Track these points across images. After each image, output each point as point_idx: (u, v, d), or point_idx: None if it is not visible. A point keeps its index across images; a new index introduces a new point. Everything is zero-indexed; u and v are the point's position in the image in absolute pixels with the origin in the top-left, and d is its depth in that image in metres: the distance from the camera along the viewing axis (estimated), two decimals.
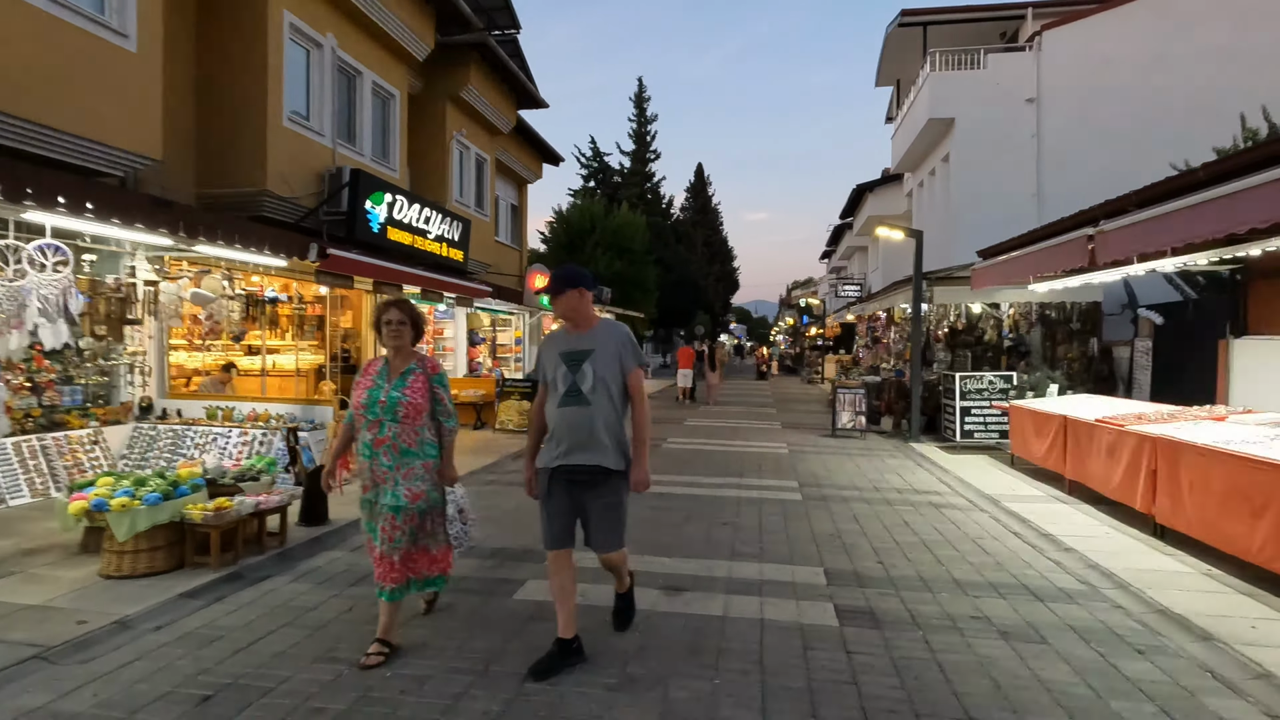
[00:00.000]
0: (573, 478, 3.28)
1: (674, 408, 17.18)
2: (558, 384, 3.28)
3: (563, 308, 3.33)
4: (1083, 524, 6.09)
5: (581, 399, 3.21)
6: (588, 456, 3.23)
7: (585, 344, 3.28)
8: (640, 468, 3.34)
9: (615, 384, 3.29)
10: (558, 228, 30.11)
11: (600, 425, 3.21)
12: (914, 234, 11.49)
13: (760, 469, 8.71)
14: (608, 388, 3.24)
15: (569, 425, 3.23)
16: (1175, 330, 10.91)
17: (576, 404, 3.22)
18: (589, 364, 3.23)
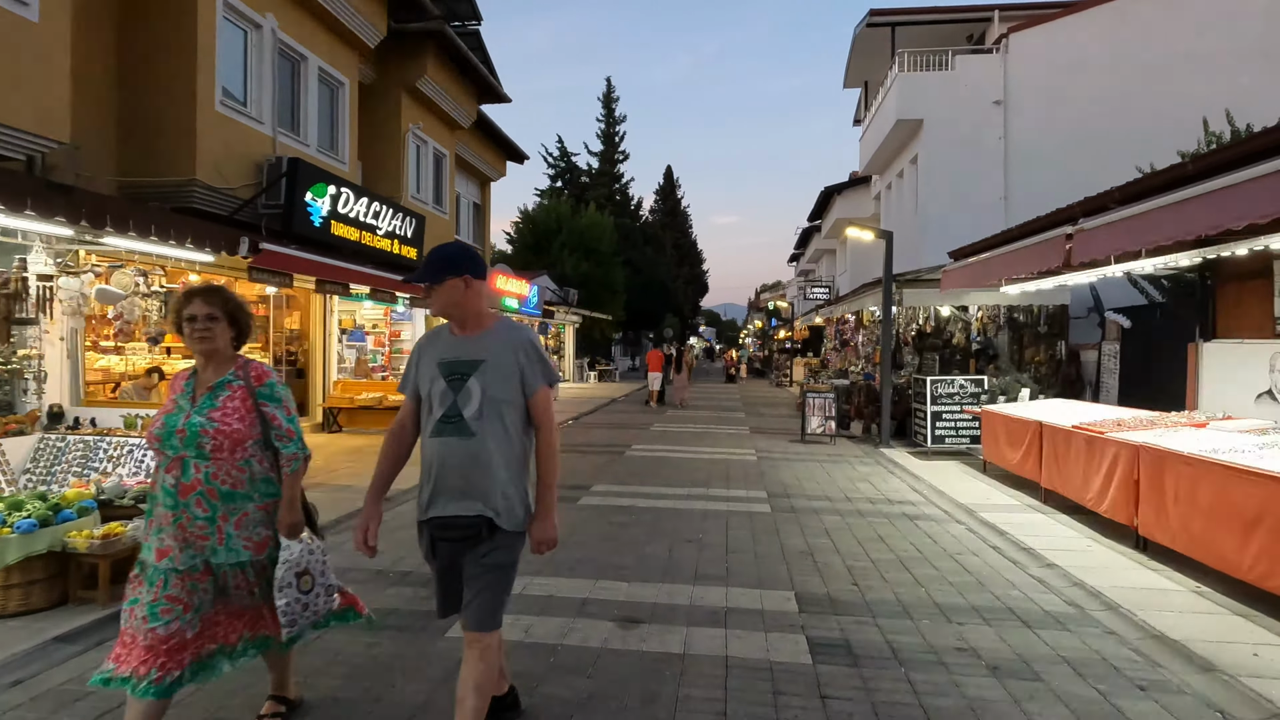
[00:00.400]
0: (445, 535, 2.40)
1: (642, 412, 16.76)
2: (433, 404, 2.40)
3: (440, 304, 2.43)
4: (1062, 536, 5.81)
5: (463, 427, 2.34)
6: (467, 505, 2.35)
7: (473, 352, 2.41)
8: (545, 522, 2.44)
9: (513, 408, 2.40)
10: (523, 228, 29.54)
11: (488, 463, 2.35)
12: (884, 235, 11.26)
13: (728, 478, 8.32)
14: (501, 413, 2.37)
15: (444, 463, 2.37)
16: (1142, 334, 10.86)
17: (456, 434, 2.35)
18: (476, 380, 2.37)
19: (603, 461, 9.37)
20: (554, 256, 28.30)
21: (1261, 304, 8.14)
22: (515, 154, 20.09)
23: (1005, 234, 7.82)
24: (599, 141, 42.53)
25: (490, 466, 2.35)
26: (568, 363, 28.18)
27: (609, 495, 7.24)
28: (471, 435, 2.35)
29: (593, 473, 8.52)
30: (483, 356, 2.40)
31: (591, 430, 13.00)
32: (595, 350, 33.29)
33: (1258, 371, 8.03)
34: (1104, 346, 11.77)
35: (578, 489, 7.51)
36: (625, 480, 8.07)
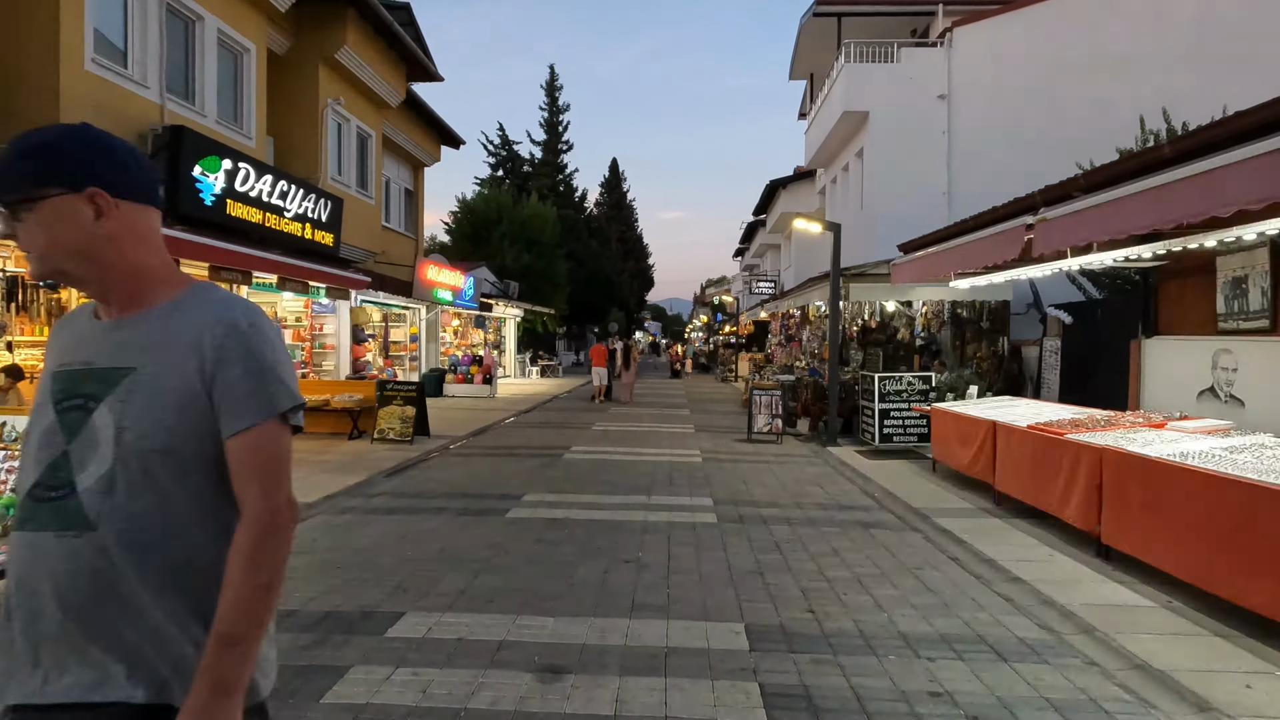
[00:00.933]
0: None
1: (585, 409, 16.10)
2: (28, 464, 1.21)
3: (40, 248, 1.19)
4: (1021, 545, 5.49)
5: (73, 512, 1.14)
6: (88, 677, 1.12)
7: (116, 352, 1.21)
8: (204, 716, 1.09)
9: (186, 466, 1.19)
10: (461, 217, 28.36)
11: (130, 588, 1.14)
12: (831, 227, 10.93)
13: (672, 483, 7.77)
14: (157, 479, 1.17)
15: (35, 589, 1.14)
16: (1084, 330, 10.86)
17: (60, 525, 1.14)
18: (109, 410, 1.17)
19: (537, 466, 8.70)
20: (494, 248, 27.27)
21: (1203, 301, 8.10)
22: (450, 138, 19.06)
23: (960, 225, 7.51)
24: (542, 131, 41.47)
25: (134, 593, 1.14)
26: (509, 358, 27.24)
27: (540, 506, 6.59)
28: (89, 528, 1.13)
29: (524, 480, 7.84)
30: (131, 362, 1.19)
31: (528, 430, 12.28)
32: (538, 345, 32.38)
33: (1200, 368, 7.98)
34: (1045, 343, 11.77)
35: (506, 499, 6.83)
36: (560, 488, 7.42)
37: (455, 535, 5.55)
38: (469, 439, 11.07)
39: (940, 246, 7.71)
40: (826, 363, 15.29)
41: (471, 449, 10.15)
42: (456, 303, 17.16)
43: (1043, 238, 5.28)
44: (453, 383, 18.63)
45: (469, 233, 28.05)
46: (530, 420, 13.93)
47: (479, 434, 11.68)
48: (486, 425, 12.56)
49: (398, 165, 17.59)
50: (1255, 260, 7.47)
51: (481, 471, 8.33)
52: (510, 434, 11.79)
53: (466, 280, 17.52)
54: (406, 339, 18.55)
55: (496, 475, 8.09)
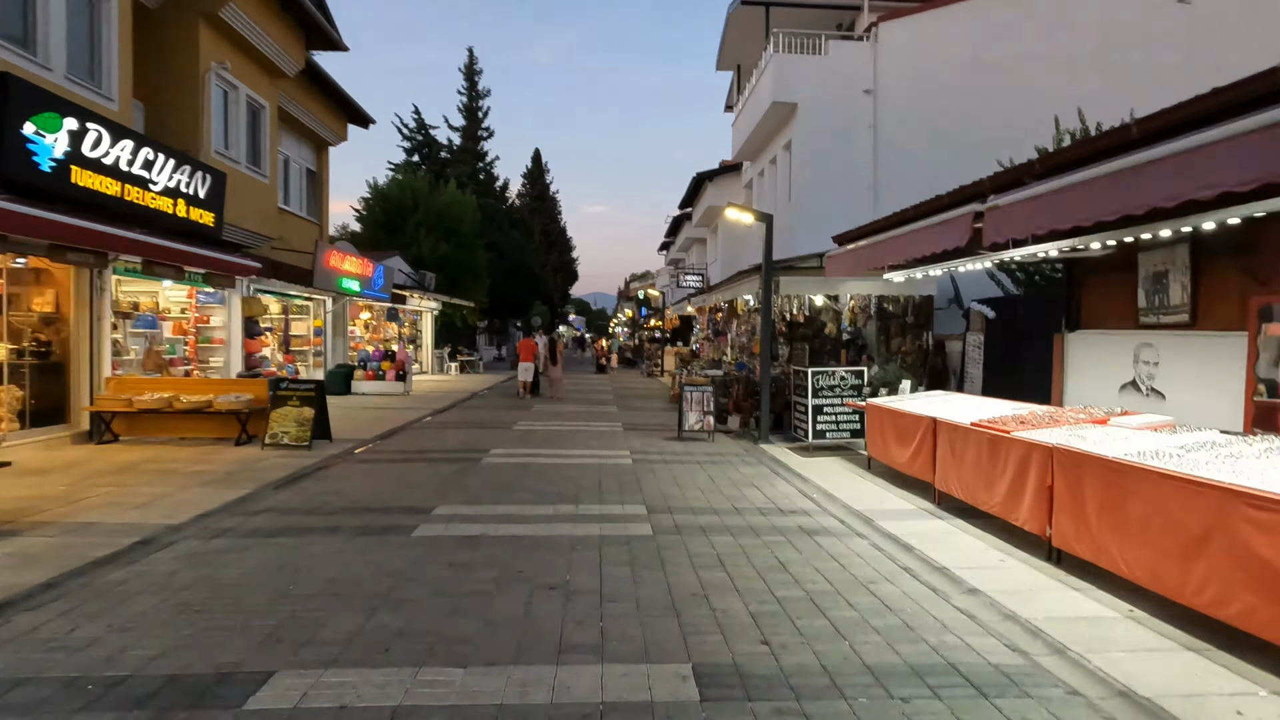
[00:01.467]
0: None
1: (508, 407, 15.25)
2: None
3: None
4: (970, 549, 5.21)
5: None
6: None
7: None
8: None
9: None
10: (373, 203, 26.67)
11: None
12: (764, 218, 10.60)
13: (601, 489, 7.17)
14: None
15: None
16: (1006, 325, 11.00)
17: None
18: None
19: (452, 473, 7.90)
20: (409, 236, 25.79)
21: (1125, 296, 8.20)
22: (358, 116, 17.68)
23: (900, 215, 7.25)
24: (461, 116, 39.84)
25: None
26: (426, 353, 25.86)
27: (454, 521, 5.84)
28: None
29: (437, 489, 7.04)
30: None
31: (444, 432, 11.38)
32: (458, 339, 31.01)
33: (1122, 362, 8.08)
34: (968, 337, 11.90)
35: (414, 514, 6.04)
36: (478, 498, 6.68)
37: (350, 562, 4.75)
38: (377, 442, 10.09)
39: (879, 237, 7.44)
40: (756, 357, 15.08)
41: (379, 454, 9.21)
42: (365, 294, 15.91)
43: (994, 226, 5.00)
44: (362, 380, 17.35)
45: (382, 220, 26.42)
46: (447, 420, 12.99)
47: (389, 436, 10.71)
48: (398, 426, 11.57)
49: (298, 143, 16.12)
50: (1176, 256, 7.58)
51: (388, 481, 7.46)
52: (424, 436, 10.87)
53: (376, 270, 16.27)
54: (310, 333, 17.11)
55: (405, 485, 7.25)
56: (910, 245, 6.60)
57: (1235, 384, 6.56)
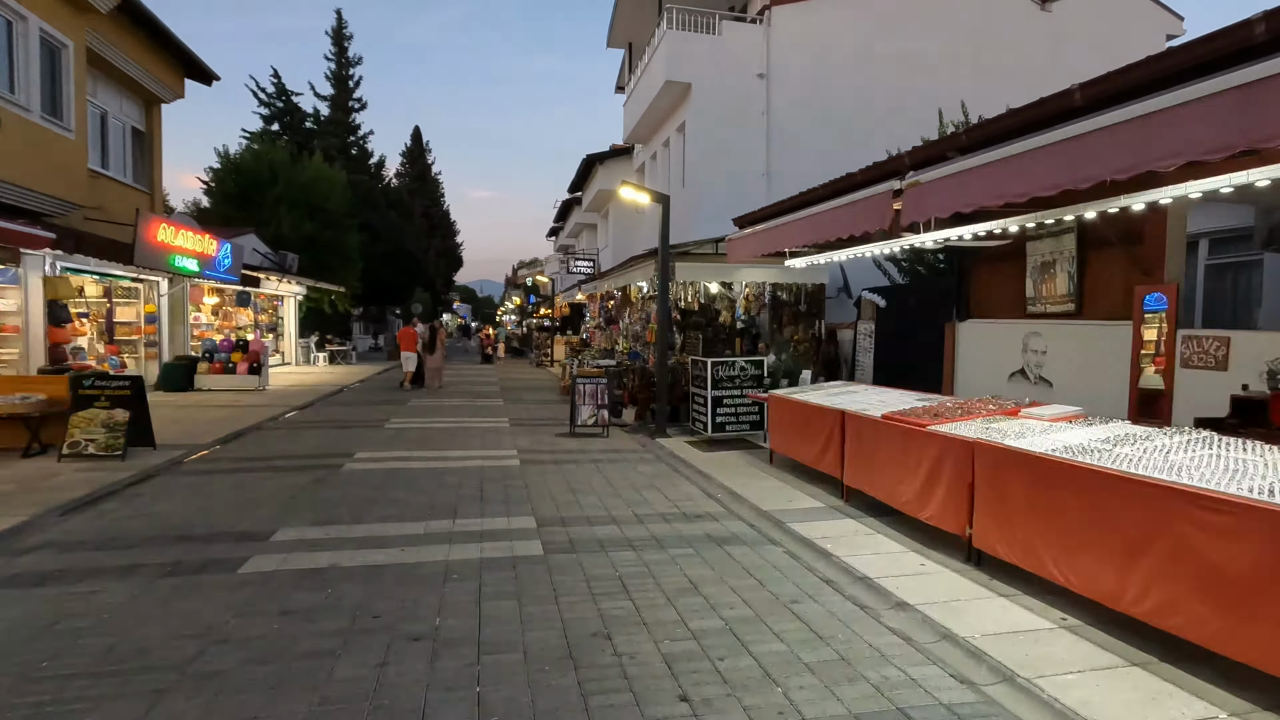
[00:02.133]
0: None
1: (381, 403, 13.80)
2: None
3: None
4: (888, 553, 4.85)
5: None
6: None
7: None
8: None
9: None
10: (224, 175, 23.71)
11: None
12: (661, 199, 9.99)
13: (484, 498, 6.28)
14: None
15: None
16: (897, 314, 11.07)
17: None
18: None
19: (304, 485, 6.70)
20: (267, 213, 23.13)
21: (1013, 285, 8.31)
22: (198, 70, 15.35)
23: (807, 195, 6.83)
24: (329, 84, 36.49)
25: None
26: (289, 343, 23.39)
27: (297, 550, 4.77)
28: None
29: (282, 507, 5.87)
30: None
31: (302, 434, 9.95)
32: (328, 328, 28.43)
33: (1011, 350, 8.17)
34: (860, 326, 11.95)
35: (246, 541, 4.90)
36: (332, 516, 5.59)
37: (145, 617, 3.63)
38: (216, 448, 8.58)
39: (784, 219, 7.01)
40: (650, 346, 14.56)
41: (215, 463, 7.77)
42: (208, 275, 13.83)
43: (914, 205, 4.61)
44: (208, 373, 15.20)
45: (234, 194, 23.52)
46: (307, 419, 11.48)
47: (232, 440, 9.18)
48: (246, 428, 10.01)
49: (120, 96, 13.70)
50: (1063, 246, 7.71)
51: (220, 498, 6.17)
52: (276, 438, 9.42)
53: (221, 247, 14.18)
54: (140, 319, 14.73)
55: (241, 502, 6.01)
56: (818, 228, 6.19)
57: (1121, 371, 6.70)
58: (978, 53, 15.61)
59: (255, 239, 20.73)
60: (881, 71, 15.12)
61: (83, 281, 12.68)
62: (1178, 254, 6.23)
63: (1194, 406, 5.79)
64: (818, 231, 6.29)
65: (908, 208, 4.70)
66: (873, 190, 5.18)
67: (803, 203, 6.79)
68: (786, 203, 7.31)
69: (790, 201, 7.20)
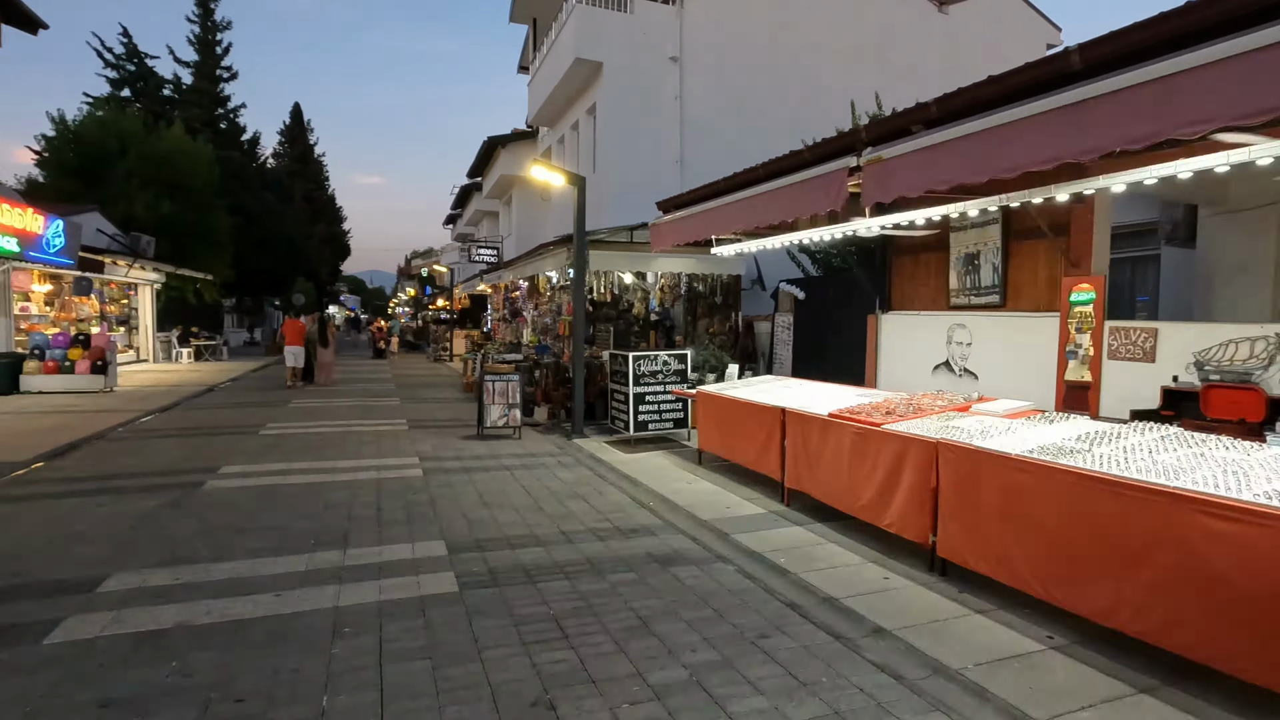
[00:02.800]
0: None
1: (259, 404, 12.21)
2: None
3: None
4: (846, 565, 4.43)
5: None
6: None
7: None
8: None
9: None
10: (60, 144, 20.58)
11: None
12: (577, 180, 9.24)
13: (381, 519, 5.36)
14: None
15: None
16: (816, 306, 10.92)
17: None
18: None
19: (150, 511, 5.49)
20: (116, 189, 20.29)
21: (936, 277, 8.23)
22: (19, 15, 12.96)
23: (745, 175, 6.33)
24: (192, 49, 32.76)
25: None
26: (145, 337, 20.68)
27: (133, 603, 3.71)
28: None
29: (116, 544, 4.70)
30: None
31: (155, 444, 8.47)
32: (194, 320, 25.49)
33: (935, 343, 8.09)
34: (777, 318, 11.74)
35: (61, 596, 3.77)
36: (184, 554, 4.51)
37: None
38: (37, 466, 7.05)
39: (715, 202, 6.49)
40: (562, 339, 13.78)
41: (33, 485, 6.32)
42: (33, 257, 11.68)
43: (876, 183, 4.18)
44: (38, 373, 12.96)
45: (73, 167, 20.46)
46: (165, 425, 9.87)
47: (62, 455, 7.62)
48: (83, 438, 8.40)
49: None
50: (988, 237, 7.65)
51: (34, 533, 4.89)
52: (121, 451, 7.92)
53: (50, 224, 12.03)
54: None
55: (62, 539, 4.77)
56: (755, 211, 5.70)
57: (1048, 364, 6.69)
58: (882, 49, 15.86)
59: (100, 218, 18.10)
60: (792, 63, 15.04)
61: None
62: (1104, 245, 6.24)
63: (1122, 399, 5.78)
64: (755, 216, 5.81)
65: (869, 187, 4.26)
66: (824, 169, 4.73)
67: (739, 184, 6.29)
68: (720, 184, 6.79)
69: (724, 183, 6.69)
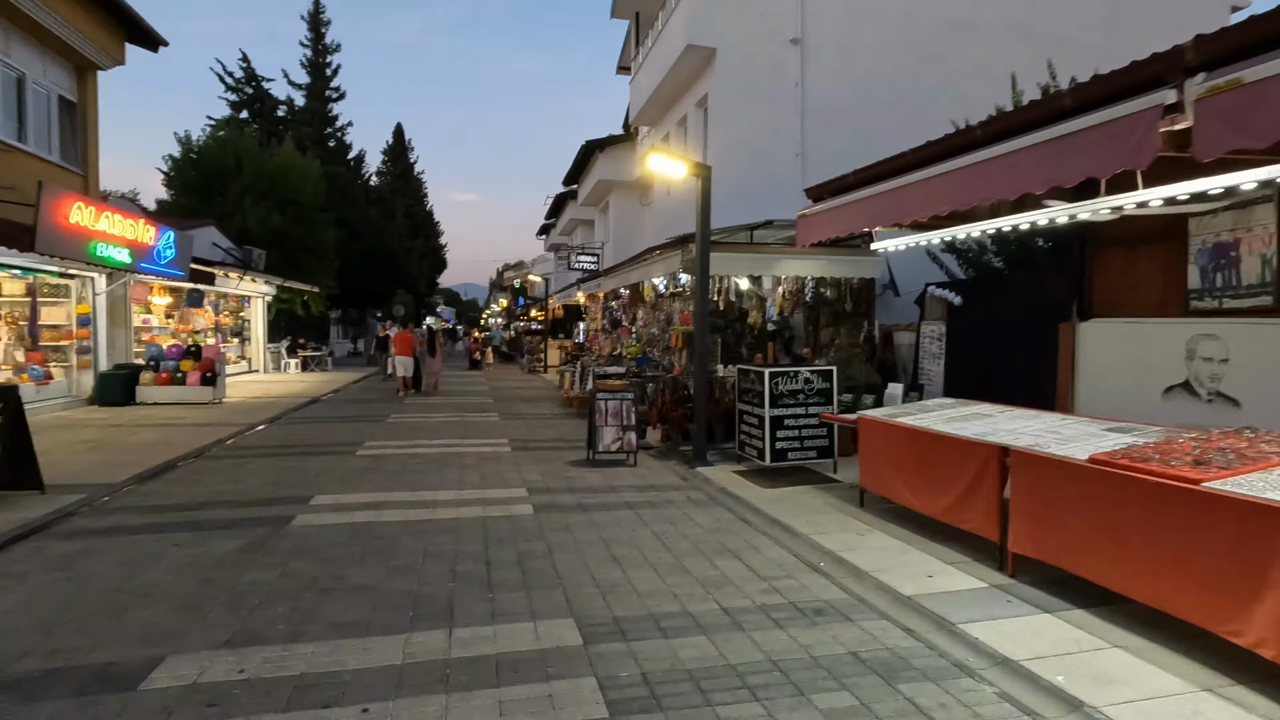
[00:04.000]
0: None
1: (358, 418, 11.75)
2: None
3: None
4: (1164, 692, 2.96)
5: None
6: None
7: None
8: None
9: None
10: (182, 162, 21.48)
11: None
12: (701, 170, 8.08)
13: (491, 578, 4.31)
14: None
15: None
16: (977, 313, 9.22)
17: None
18: None
19: (229, 557, 4.69)
20: (231, 204, 20.95)
21: (1165, 275, 6.47)
22: (140, 33, 13.23)
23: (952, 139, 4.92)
24: (305, 72, 34.26)
25: None
26: (257, 348, 21.19)
27: (184, 707, 2.77)
28: None
29: (183, 605, 3.85)
30: None
31: (249, 465, 7.91)
32: (302, 331, 26.21)
33: (1165, 358, 6.32)
34: (924, 328, 10.09)
35: (103, 690, 2.89)
36: (255, 625, 3.59)
37: None
38: (131, 488, 6.53)
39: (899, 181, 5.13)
40: (671, 351, 12.65)
41: (118, 515, 5.71)
42: (144, 268, 11.69)
43: (1232, 120, 2.74)
44: (153, 384, 13.06)
45: (195, 184, 21.31)
46: (263, 441, 9.41)
47: (157, 476, 7.11)
48: (181, 455, 7.95)
49: (42, 57, 11.56)
50: (1253, 220, 5.93)
51: (96, 585, 4.14)
52: (216, 472, 7.36)
53: (162, 235, 12.04)
54: (72, 322, 12.58)
55: (124, 596, 3.98)
56: (972, 185, 4.31)
57: None
58: (1031, 22, 13.88)
59: (215, 232, 18.58)
60: (929, 42, 13.34)
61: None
62: None
63: None
64: (963, 193, 4.42)
65: (1210, 128, 2.82)
66: (1109, 113, 3.31)
67: (935, 155, 4.90)
68: (901, 158, 5.41)
69: (911, 155, 5.29)
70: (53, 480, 6.44)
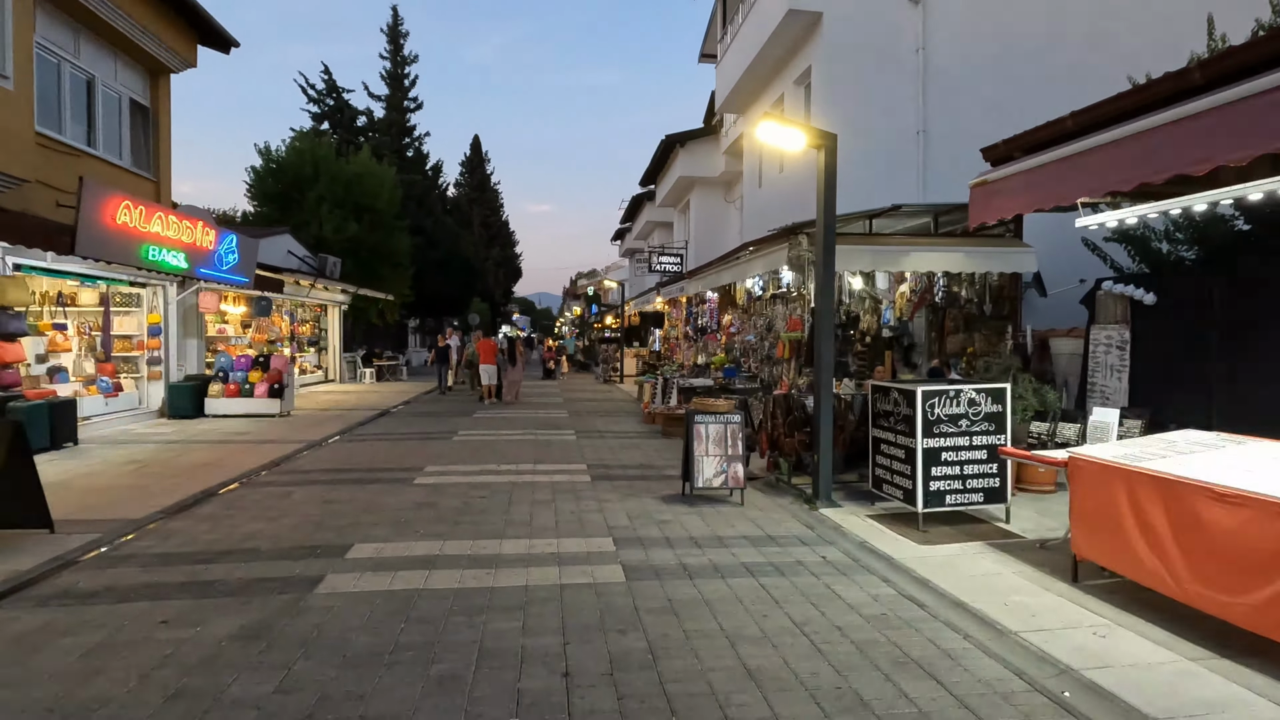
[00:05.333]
0: None
1: (424, 435, 10.77)
2: None
3: None
4: None
5: None
6: None
7: None
8: None
9: None
10: (263, 172, 21.54)
11: None
12: (824, 139, 6.52)
13: (568, 701, 2.94)
14: None
15: None
16: (1181, 314, 7.21)
17: None
18: None
19: (214, 648, 3.50)
20: (309, 212, 20.82)
21: None
22: (212, 35, 12.83)
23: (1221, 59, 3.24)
24: (384, 84, 34.59)
25: None
26: (333, 357, 20.94)
27: None
28: None
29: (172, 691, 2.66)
30: None
31: (293, 495, 6.89)
32: (379, 340, 26.05)
33: None
34: (1097, 333, 8.10)
35: None
36: None
37: None
38: (151, 527, 5.56)
39: (1155, 118, 3.44)
40: (772, 361, 11.07)
41: (122, 567, 4.68)
42: (204, 273, 11.10)
43: None
44: (221, 396, 12.55)
45: (274, 192, 21.33)
46: (316, 464, 8.45)
47: (186, 510, 6.16)
48: (221, 483, 7.05)
49: (113, 59, 11.22)
50: None
51: (31, 694, 3.02)
52: (251, 506, 6.34)
53: (223, 239, 11.44)
54: (144, 331, 12.21)
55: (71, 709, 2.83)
56: None
57: None
58: None
59: (291, 240, 18.33)
60: None
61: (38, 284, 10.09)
62: None
63: None
64: None
65: None
66: None
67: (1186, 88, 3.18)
68: (1137, 93, 3.70)
69: (1154, 88, 3.59)
70: (70, 515, 5.57)
